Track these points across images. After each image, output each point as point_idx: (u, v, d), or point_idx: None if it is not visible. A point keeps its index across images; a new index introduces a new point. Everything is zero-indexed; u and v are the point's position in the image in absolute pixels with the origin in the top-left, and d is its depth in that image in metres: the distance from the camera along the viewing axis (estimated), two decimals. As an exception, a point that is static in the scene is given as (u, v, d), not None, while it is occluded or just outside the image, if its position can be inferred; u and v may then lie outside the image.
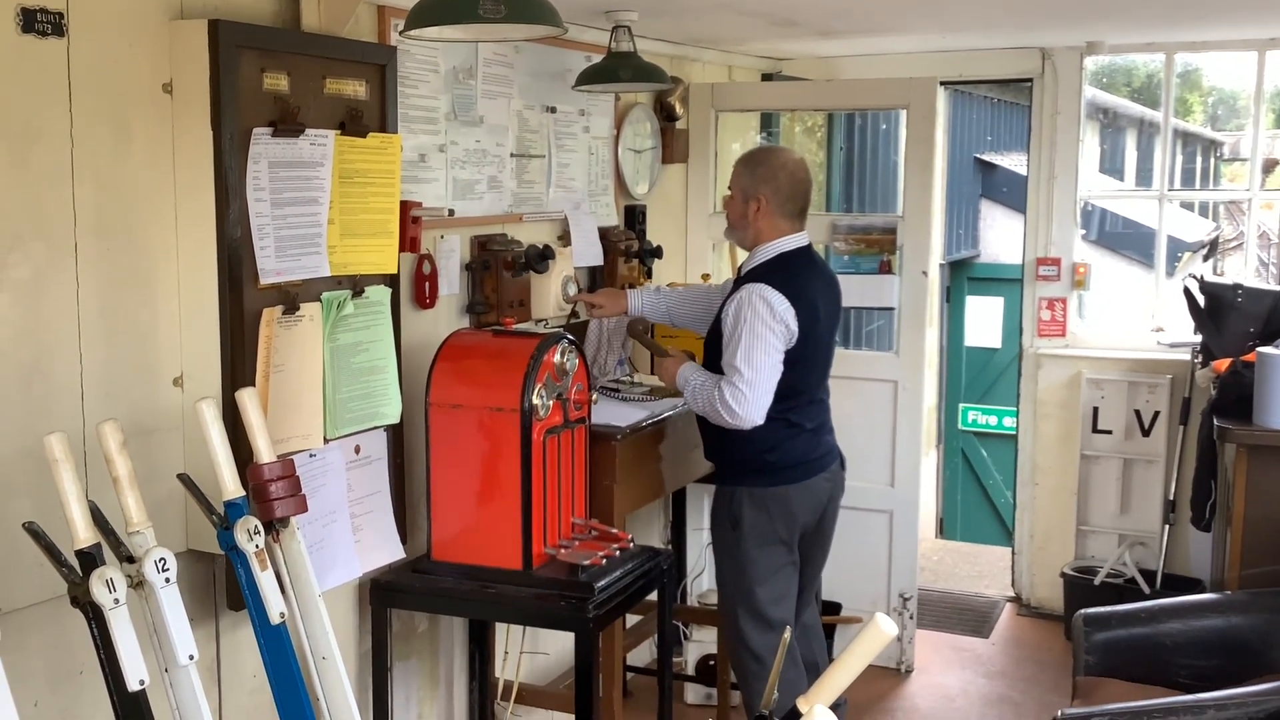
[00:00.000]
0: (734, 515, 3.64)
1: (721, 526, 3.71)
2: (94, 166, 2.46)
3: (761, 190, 3.60)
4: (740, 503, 3.63)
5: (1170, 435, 5.29)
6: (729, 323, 3.52)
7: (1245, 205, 5.59)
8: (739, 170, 3.69)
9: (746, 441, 3.57)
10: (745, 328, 3.47)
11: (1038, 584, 5.69)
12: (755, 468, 3.62)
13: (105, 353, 2.51)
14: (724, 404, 3.46)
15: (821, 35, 4.86)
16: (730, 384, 3.46)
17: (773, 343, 3.48)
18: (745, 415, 3.46)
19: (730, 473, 3.69)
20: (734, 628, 3.73)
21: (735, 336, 3.49)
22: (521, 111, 3.87)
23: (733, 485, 3.67)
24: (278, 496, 2.47)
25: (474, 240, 3.68)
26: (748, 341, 3.46)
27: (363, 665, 3.30)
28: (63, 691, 2.47)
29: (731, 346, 3.49)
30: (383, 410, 3.10)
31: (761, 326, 3.46)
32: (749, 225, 3.64)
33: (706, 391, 3.52)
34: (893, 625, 1.60)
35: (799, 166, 3.69)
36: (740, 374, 3.45)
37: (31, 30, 2.31)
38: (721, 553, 3.74)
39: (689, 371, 3.63)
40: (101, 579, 2.06)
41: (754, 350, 3.46)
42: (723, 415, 3.48)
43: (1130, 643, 3.56)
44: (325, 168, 2.86)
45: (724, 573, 3.75)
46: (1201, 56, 7.30)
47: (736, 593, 3.71)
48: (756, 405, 3.46)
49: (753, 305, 3.47)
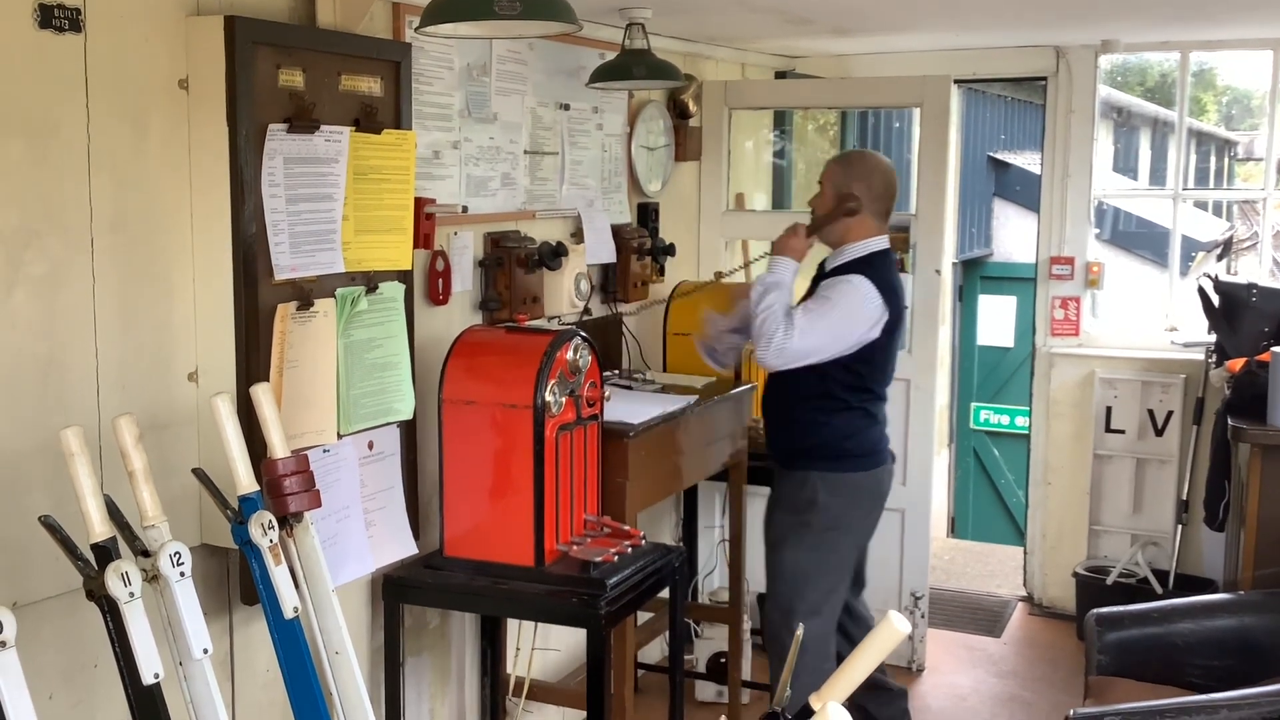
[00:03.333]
0: (809, 498, 3.73)
1: (791, 511, 3.78)
2: (110, 162, 2.47)
3: (856, 188, 3.71)
4: (816, 487, 3.72)
5: (1184, 435, 5.28)
6: (820, 289, 3.66)
7: (1260, 205, 5.57)
8: (834, 169, 3.80)
9: (825, 427, 3.71)
10: (826, 296, 3.62)
11: (1050, 584, 5.68)
12: (834, 453, 3.72)
13: (121, 348, 2.52)
14: (769, 330, 3.54)
15: (835, 33, 4.86)
16: (783, 328, 3.54)
17: (840, 327, 3.59)
18: (766, 355, 3.56)
19: (805, 458, 3.76)
20: (787, 615, 3.75)
21: (818, 298, 3.63)
22: (535, 108, 3.88)
23: (806, 470, 3.75)
24: (292, 491, 2.47)
25: (487, 237, 3.68)
26: (820, 311, 3.59)
27: (375, 660, 3.30)
28: (77, 685, 2.48)
29: (809, 304, 3.62)
30: (396, 406, 3.11)
31: (841, 309, 3.59)
32: (838, 222, 3.74)
33: (775, 307, 3.57)
34: (905, 623, 1.60)
35: (891, 170, 3.83)
36: (794, 325, 3.55)
37: (49, 26, 2.32)
38: (785, 538, 3.79)
39: (785, 275, 3.68)
40: (117, 573, 2.06)
41: (820, 320, 3.58)
42: (759, 335, 3.57)
43: (1143, 643, 3.55)
44: (340, 164, 2.86)
45: (785, 559, 3.79)
46: (1216, 55, 7.29)
47: (799, 579, 3.76)
48: (788, 356, 3.56)
49: (849, 286, 3.61)
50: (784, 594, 3.79)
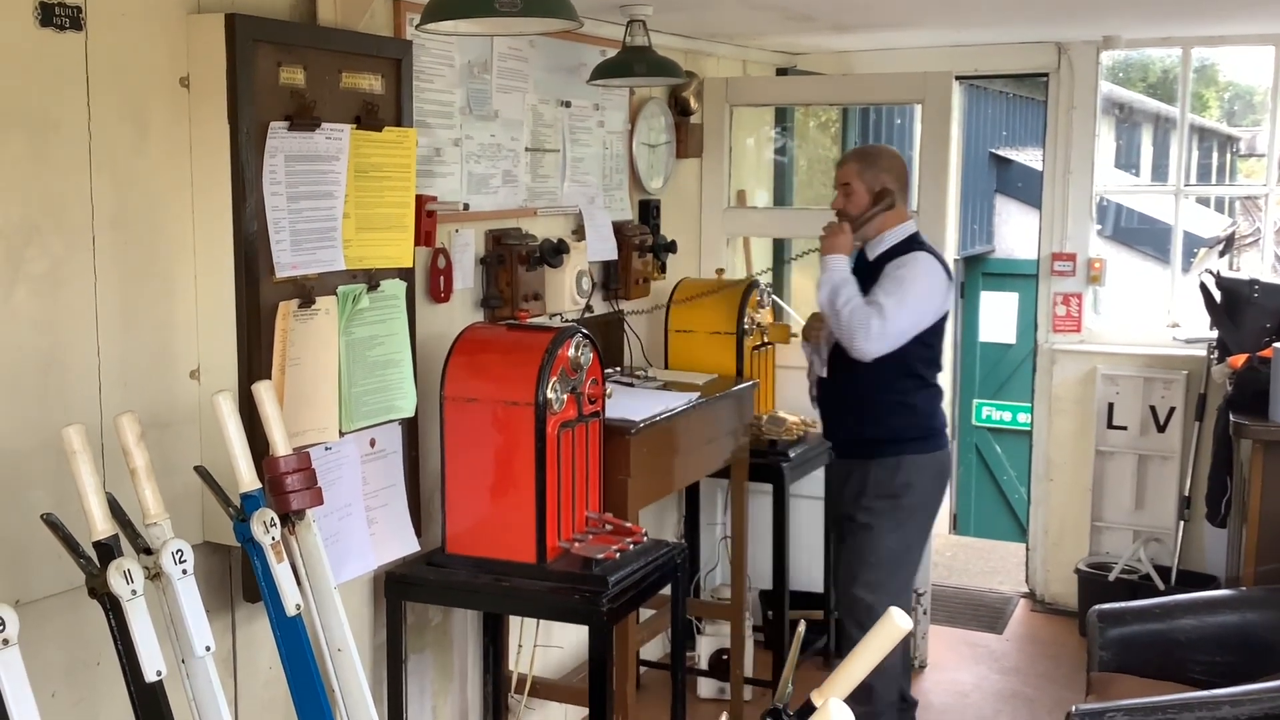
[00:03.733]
0: (903, 482, 3.82)
1: (881, 496, 3.85)
2: (111, 160, 2.47)
3: (886, 181, 3.87)
4: (908, 470, 3.83)
5: (1186, 431, 5.28)
6: (889, 270, 3.74)
7: (1262, 201, 5.56)
8: (858, 168, 3.92)
9: (912, 409, 3.85)
10: (903, 276, 3.72)
11: (1052, 580, 5.68)
12: (921, 434, 3.86)
13: (122, 345, 2.52)
14: (861, 320, 3.64)
15: (836, 29, 4.85)
16: (876, 315, 3.65)
17: (923, 302, 3.73)
18: (867, 344, 3.67)
19: (895, 443, 3.85)
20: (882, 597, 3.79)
21: (893, 280, 3.72)
22: (536, 106, 3.88)
23: (897, 454, 3.84)
24: (294, 489, 2.48)
25: (488, 234, 3.68)
26: (902, 291, 3.70)
27: (377, 658, 3.31)
28: (80, 682, 2.48)
29: (885, 288, 3.70)
30: (398, 404, 3.11)
31: (920, 284, 3.72)
32: (873, 216, 3.87)
33: (855, 299, 3.67)
34: (907, 619, 1.60)
35: (901, 156, 4.04)
36: (883, 308, 3.66)
37: (50, 24, 2.32)
38: (878, 524, 3.86)
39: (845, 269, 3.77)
40: (119, 570, 2.07)
41: (906, 299, 3.69)
42: (853, 328, 3.66)
43: (1145, 639, 3.55)
44: (341, 162, 2.87)
45: (877, 543, 3.86)
46: (1218, 51, 7.29)
47: (893, 561, 3.88)
48: (889, 340, 3.69)
49: (919, 263, 3.76)
50: (878, 578, 3.88)
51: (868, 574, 3.92)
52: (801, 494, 4.87)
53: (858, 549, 3.94)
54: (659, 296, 4.57)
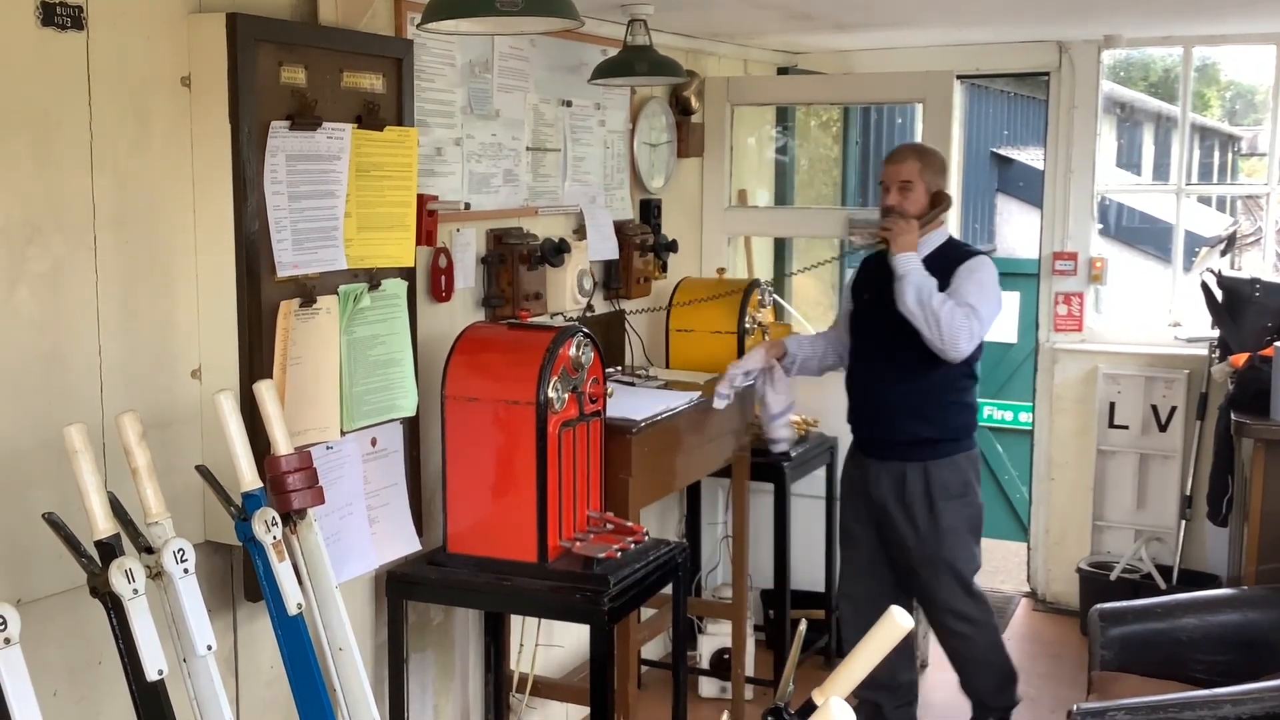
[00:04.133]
0: (963, 479, 3.93)
1: (952, 496, 3.92)
2: (113, 159, 2.47)
3: (942, 183, 3.98)
4: (965, 467, 3.94)
5: (1187, 430, 5.27)
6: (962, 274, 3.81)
7: (1263, 200, 5.56)
8: (919, 167, 3.93)
9: (967, 408, 3.96)
10: (980, 279, 3.80)
11: (1053, 579, 5.68)
12: (968, 432, 3.98)
13: (124, 345, 2.53)
14: (962, 323, 3.70)
15: (837, 29, 4.85)
16: (971, 317, 3.73)
17: (997, 306, 3.84)
18: (968, 348, 3.75)
19: (954, 441, 3.93)
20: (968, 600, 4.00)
21: (972, 282, 3.79)
22: (537, 105, 3.88)
23: (954, 453, 3.92)
24: (295, 488, 2.48)
25: (490, 234, 3.68)
26: (981, 293, 3.78)
27: (378, 657, 3.31)
28: (82, 681, 2.48)
29: (965, 289, 3.77)
30: (399, 403, 3.11)
31: (992, 286, 3.83)
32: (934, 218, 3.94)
33: (949, 301, 3.73)
34: (908, 618, 1.60)
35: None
36: (977, 311, 3.74)
37: (51, 23, 2.33)
38: (954, 528, 3.93)
39: (922, 268, 3.80)
40: (120, 569, 2.07)
41: (986, 300, 3.79)
42: (955, 330, 3.70)
43: (1146, 638, 3.55)
44: (342, 161, 2.87)
45: (956, 548, 3.95)
46: (1219, 50, 7.29)
47: (972, 561, 4.02)
48: (975, 343, 3.78)
49: (991, 269, 3.86)
50: (964, 572, 3.99)
51: (954, 570, 4.00)
52: (802, 493, 4.87)
53: (941, 554, 3.95)
54: (660, 296, 4.57)
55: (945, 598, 4.01)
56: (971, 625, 4.05)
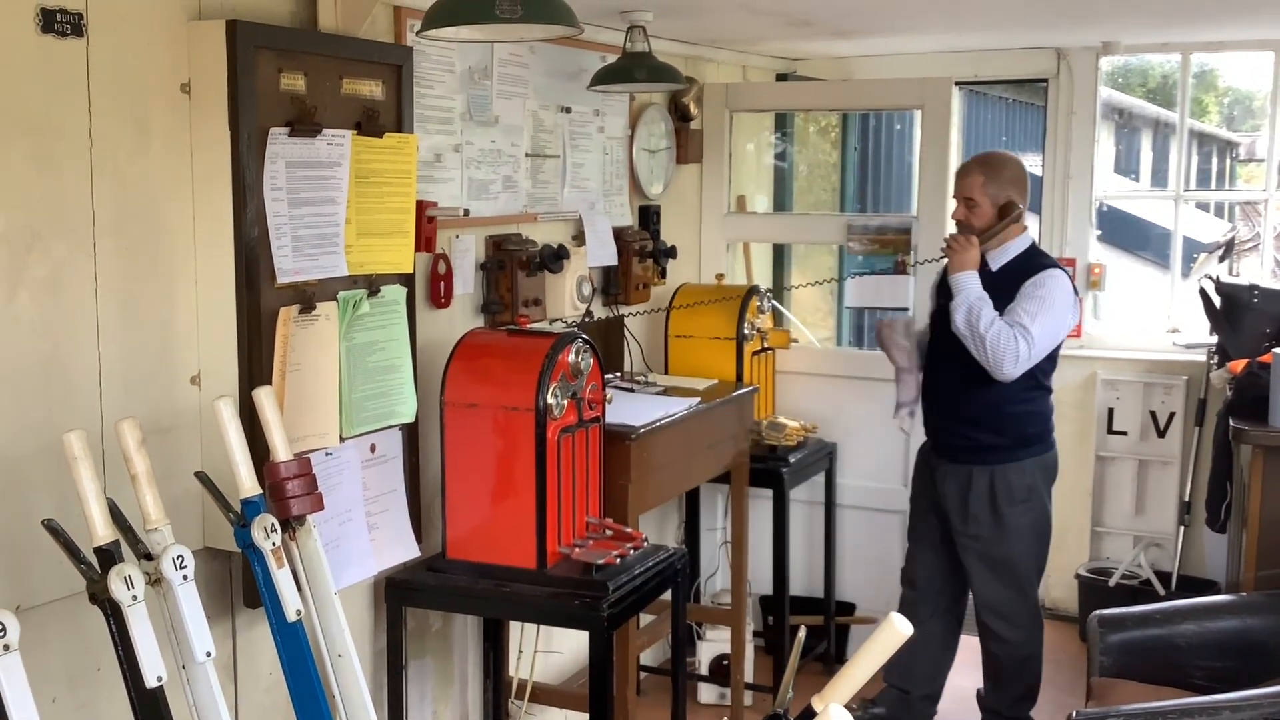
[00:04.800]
0: (1028, 484, 3.98)
1: (1014, 502, 3.98)
2: (113, 166, 2.47)
3: (1012, 194, 3.94)
4: (1034, 473, 3.99)
5: (1186, 436, 5.27)
6: (1026, 289, 3.83)
7: (1261, 206, 5.57)
8: (982, 180, 3.94)
9: (1037, 416, 4.01)
10: (1044, 296, 3.81)
11: (1052, 585, 5.66)
12: (1040, 438, 4.02)
13: (123, 351, 2.53)
14: (1008, 345, 3.75)
15: (836, 35, 4.86)
16: (1021, 339, 3.76)
17: (1061, 322, 3.86)
18: (1014, 370, 3.79)
19: (1023, 447, 3.99)
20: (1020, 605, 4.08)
21: (1034, 300, 3.81)
22: (536, 112, 3.88)
23: (1020, 460, 3.98)
24: (294, 495, 2.48)
25: (489, 240, 3.68)
26: (1045, 313, 3.80)
27: (378, 663, 3.31)
28: (81, 688, 2.48)
29: (1026, 309, 3.80)
30: (398, 409, 3.11)
31: (1059, 305, 3.83)
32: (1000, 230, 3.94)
33: (996, 322, 3.78)
34: (907, 624, 1.60)
35: (1021, 161, 4.08)
36: (1029, 333, 3.76)
37: (51, 30, 2.33)
38: (1017, 531, 4.00)
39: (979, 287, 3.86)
40: (120, 576, 2.07)
41: (1048, 321, 3.81)
42: (1000, 354, 3.77)
43: (1145, 644, 3.55)
44: (342, 168, 2.87)
45: (1017, 551, 4.03)
46: (1217, 57, 7.29)
47: (1032, 564, 4.07)
48: (1026, 364, 3.81)
49: (1058, 282, 3.85)
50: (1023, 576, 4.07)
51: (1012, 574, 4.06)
52: (801, 499, 4.88)
53: (999, 556, 4.05)
54: (659, 302, 4.57)
55: (997, 600, 4.10)
56: (1016, 631, 4.12)
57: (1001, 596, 4.09)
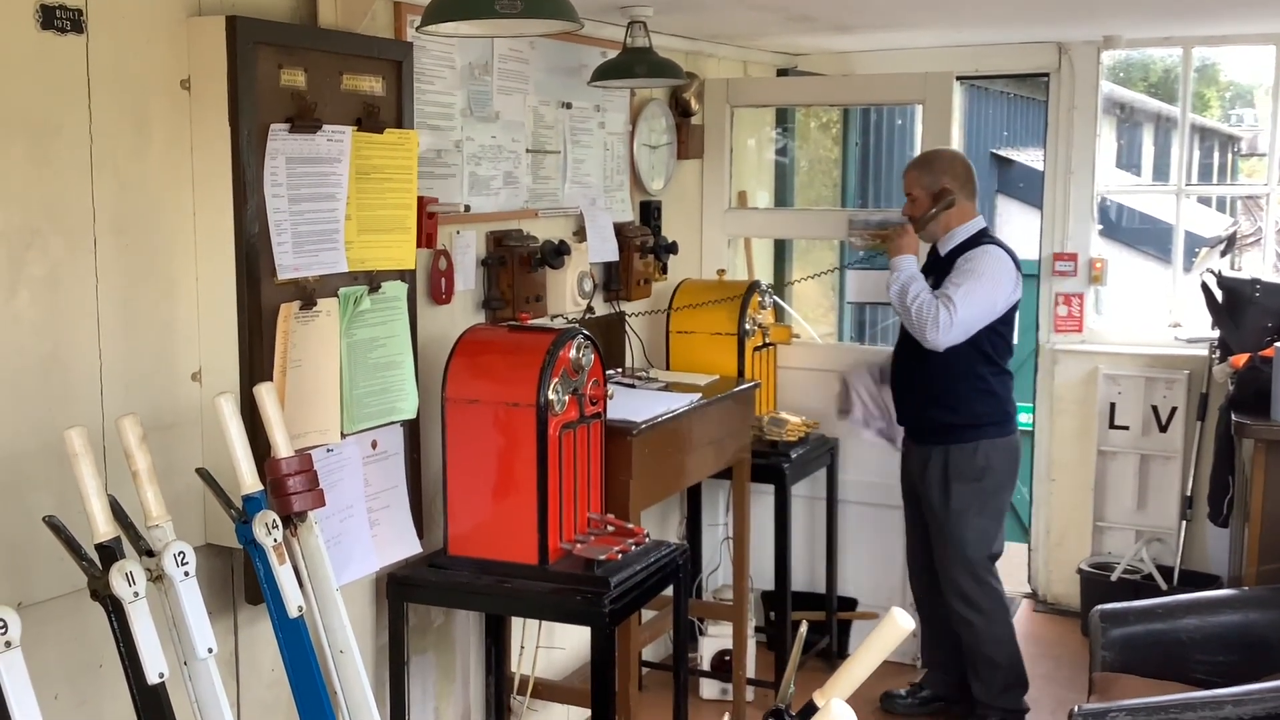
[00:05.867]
0: (981, 465, 4.08)
1: (966, 480, 4.10)
2: (113, 162, 2.47)
3: (945, 182, 4.12)
4: (987, 454, 4.09)
5: (1188, 431, 5.27)
6: (959, 264, 3.98)
7: (1263, 200, 5.56)
8: (916, 175, 4.18)
9: (990, 395, 4.10)
10: (971, 269, 3.95)
11: (1054, 580, 5.67)
12: (996, 419, 4.10)
13: (124, 348, 2.53)
14: (930, 313, 3.89)
15: (837, 30, 4.85)
16: (944, 307, 3.89)
17: (991, 293, 3.96)
18: (938, 337, 3.91)
19: (974, 428, 4.09)
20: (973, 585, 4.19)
21: (961, 273, 3.96)
22: (537, 107, 3.88)
23: (975, 439, 4.09)
24: (295, 491, 2.48)
25: (490, 236, 3.68)
26: (970, 283, 3.94)
27: (379, 659, 3.31)
28: (82, 684, 2.48)
29: (954, 281, 3.95)
30: (399, 405, 3.11)
31: (988, 276, 3.95)
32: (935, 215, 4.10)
33: (924, 294, 3.93)
34: (910, 619, 1.60)
35: (963, 156, 4.30)
36: (952, 301, 3.88)
37: (51, 27, 2.33)
38: (969, 506, 4.13)
39: (913, 267, 4.03)
40: (121, 572, 2.07)
41: (974, 290, 3.93)
42: (923, 320, 3.91)
43: (1147, 639, 3.55)
44: (342, 164, 2.87)
45: (971, 524, 4.14)
46: (1219, 51, 7.29)
47: (983, 541, 4.18)
48: (957, 331, 3.93)
49: (987, 255, 4.00)
50: (972, 556, 4.19)
51: (959, 552, 4.19)
52: (802, 495, 4.88)
53: (951, 531, 4.18)
54: (660, 298, 4.57)
55: (954, 578, 4.23)
56: (977, 613, 4.21)
57: (957, 575, 4.22)
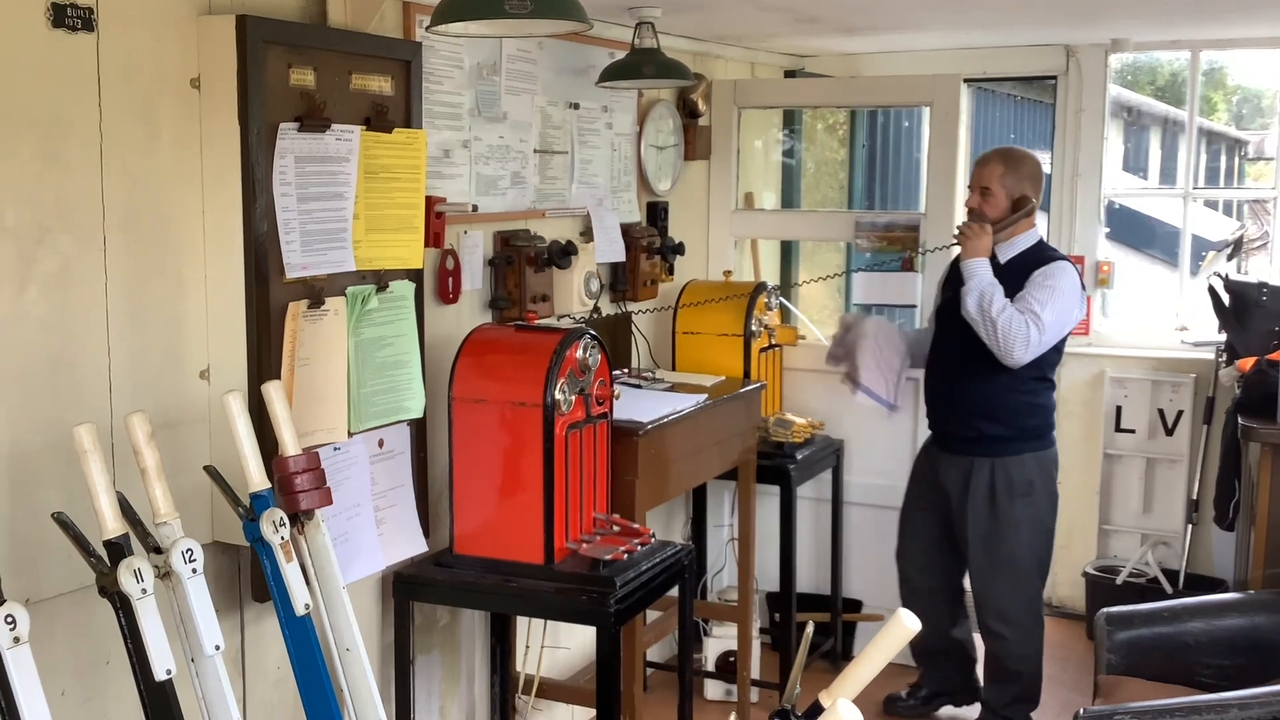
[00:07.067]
0: (1028, 479, 4.01)
1: (1015, 495, 4.01)
2: (122, 161, 2.48)
3: (1027, 189, 4.03)
4: (1033, 467, 4.02)
5: (1194, 434, 5.27)
6: (1037, 278, 3.89)
7: (1270, 204, 5.56)
8: (1001, 172, 4.03)
9: (1038, 409, 4.04)
10: (1053, 285, 3.87)
11: (1060, 583, 5.67)
12: (1040, 433, 4.05)
13: (133, 345, 2.53)
14: (1019, 331, 3.79)
15: (844, 32, 4.86)
16: (1033, 325, 3.81)
17: (1069, 312, 3.91)
18: (1025, 355, 3.84)
19: (1020, 441, 4.02)
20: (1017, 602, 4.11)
21: (1043, 289, 3.87)
22: (545, 108, 3.88)
23: (1019, 453, 4.03)
24: (303, 489, 2.49)
25: (497, 236, 3.69)
26: (1055, 301, 3.86)
27: (385, 658, 3.31)
28: (90, 681, 2.49)
29: (1036, 297, 3.85)
30: (406, 404, 3.12)
31: (1069, 294, 3.89)
32: (1013, 223, 4.02)
33: (1009, 308, 3.82)
34: (915, 621, 1.60)
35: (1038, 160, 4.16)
36: (1040, 319, 3.81)
37: (61, 25, 2.33)
38: (1021, 520, 4.03)
39: (990, 273, 3.91)
40: (129, 569, 2.08)
41: (1057, 308, 3.86)
42: (1011, 338, 3.81)
43: (1153, 642, 3.55)
44: (351, 163, 2.87)
45: (1017, 543, 4.06)
46: (1227, 54, 7.26)
47: (1036, 559, 4.11)
48: (1036, 350, 3.86)
49: (1065, 272, 3.92)
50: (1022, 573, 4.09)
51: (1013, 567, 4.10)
52: (808, 496, 4.88)
53: (996, 549, 4.09)
54: (667, 298, 4.57)
55: (994, 596, 4.13)
56: (1013, 629, 4.14)
57: (998, 593, 4.12)
